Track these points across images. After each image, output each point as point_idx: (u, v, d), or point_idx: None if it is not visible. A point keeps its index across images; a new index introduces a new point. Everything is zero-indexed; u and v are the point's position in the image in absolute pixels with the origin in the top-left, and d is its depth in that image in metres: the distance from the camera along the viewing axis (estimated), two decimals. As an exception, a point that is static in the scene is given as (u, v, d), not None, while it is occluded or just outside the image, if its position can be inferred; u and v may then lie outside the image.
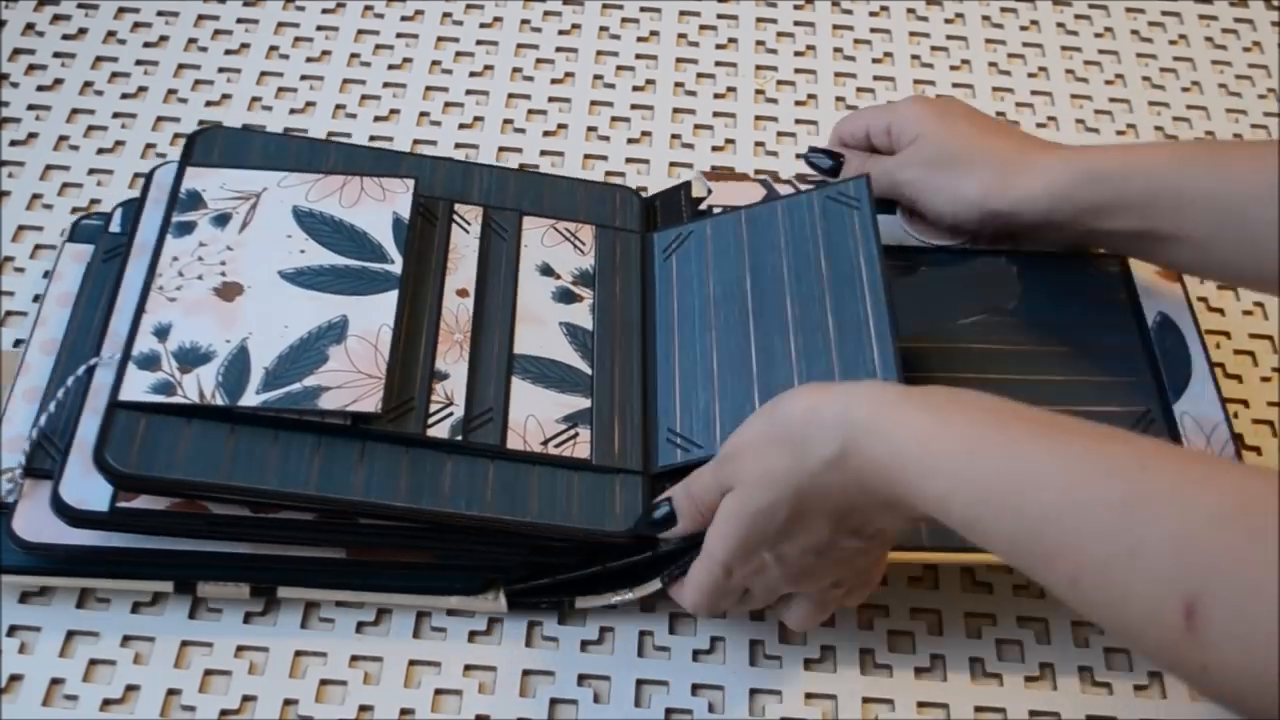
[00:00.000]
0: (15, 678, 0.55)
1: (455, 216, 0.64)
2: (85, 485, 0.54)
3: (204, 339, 0.56)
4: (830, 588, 0.53)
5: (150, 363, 0.55)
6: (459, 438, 0.57)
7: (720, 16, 0.85)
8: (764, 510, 0.49)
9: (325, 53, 0.81)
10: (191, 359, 0.56)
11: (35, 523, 0.55)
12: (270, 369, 0.56)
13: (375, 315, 0.58)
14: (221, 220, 0.61)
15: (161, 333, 0.56)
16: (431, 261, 0.62)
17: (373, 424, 0.55)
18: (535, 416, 0.58)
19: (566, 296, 0.63)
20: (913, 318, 0.59)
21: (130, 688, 0.55)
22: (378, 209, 0.62)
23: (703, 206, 0.67)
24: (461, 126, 0.78)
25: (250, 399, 0.54)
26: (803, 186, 0.67)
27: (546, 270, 0.64)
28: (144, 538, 0.55)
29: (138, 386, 0.55)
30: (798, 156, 0.66)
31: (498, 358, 0.60)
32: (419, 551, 0.57)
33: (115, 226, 0.66)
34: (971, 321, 0.63)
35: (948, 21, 0.87)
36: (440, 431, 0.57)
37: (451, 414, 0.57)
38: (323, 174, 0.63)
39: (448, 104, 0.79)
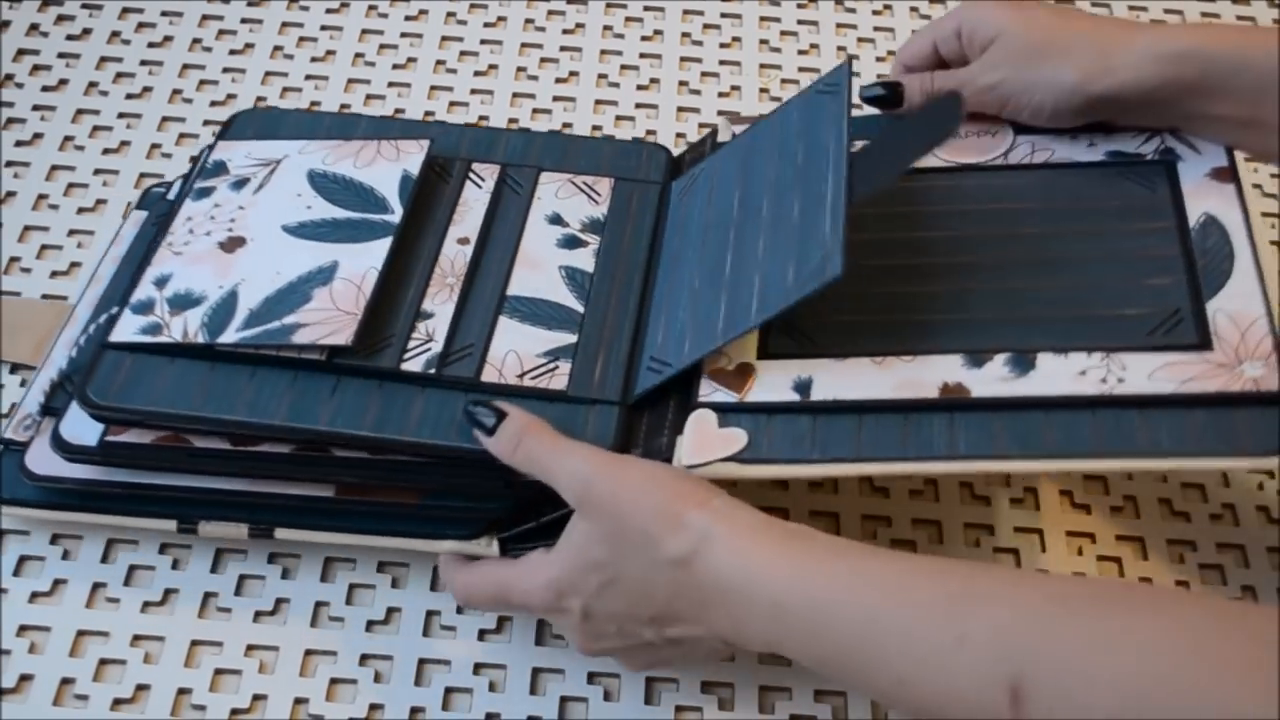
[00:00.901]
0: (26, 677, 0.55)
1: (471, 174, 0.65)
2: (85, 423, 0.55)
3: (198, 286, 0.58)
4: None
5: (145, 308, 0.57)
6: (432, 371, 0.56)
7: (724, 15, 0.85)
8: (599, 564, 0.49)
9: (330, 52, 0.81)
10: (183, 303, 0.57)
11: (44, 458, 0.57)
12: (254, 309, 0.57)
13: (365, 259, 0.59)
14: (239, 184, 0.62)
15: (161, 281, 0.58)
16: (437, 214, 0.62)
17: (345, 357, 0.56)
18: (516, 352, 0.58)
19: (571, 243, 0.63)
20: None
21: (140, 687, 0.56)
22: (389, 167, 0.63)
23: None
24: (467, 125, 0.78)
25: (229, 336, 0.55)
26: None
27: (556, 220, 0.63)
28: (139, 476, 0.56)
29: (128, 328, 0.56)
30: (861, 98, 0.64)
31: (488, 298, 0.59)
32: (405, 491, 0.56)
33: (172, 195, 0.68)
34: (976, 225, 0.59)
35: (951, 19, 0.87)
36: (414, 366, 0.56)
37: (430, 350, 0.57)
38: (344, 140, 0.64)
39: (452, 103, 0.79)
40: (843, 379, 0.54)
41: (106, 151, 0.74)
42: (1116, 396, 0.52)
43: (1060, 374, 0.53)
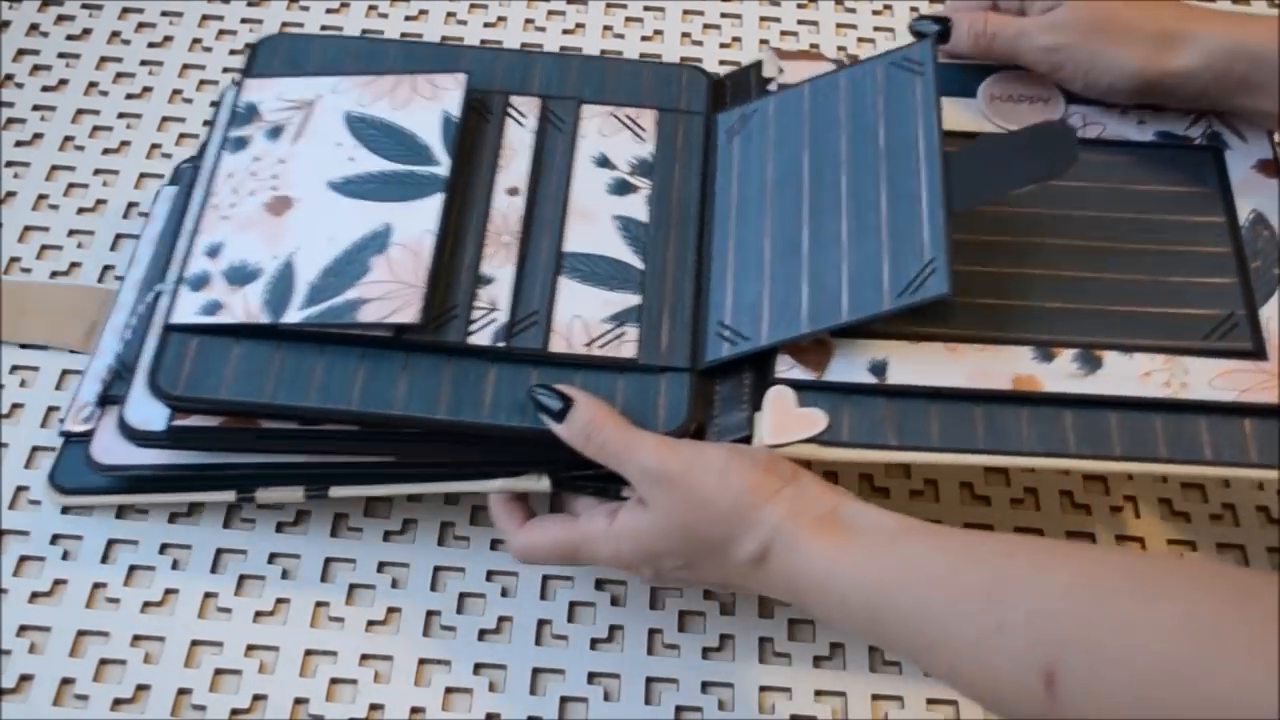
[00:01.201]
0: (26, 677, 0.56)
1: (510, 110, 0.63)
2: (149, 407, 0.55)
3: (252, 256, 0.57)
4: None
5: (202, 283, 0.56)
6: (501, 344, 0.56)
7: (724, 15, 0.85)
8: (672, 552, 0.51)
9: (330, 52, 0.81)
10: (240, 277, 0.56)
11: (110, 447, 0.57)
12: (314, 283, 0.56)
13: (419, 221, 0.57)
14: (275, 133, 0.61)
15: (213, 252, 0.57)
16: (482, 160, 0.61)
17: (414, 335, 0.55)
18: (581, 317, 0.57)
19: (622, 188, 0.62)
20: (965, 191, 0.56)
21: (141, 687, 0.56)
22: (428, 108, 0.61)
23: (771, 87, 0.65)
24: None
25: (292, 315, 0.55)
26: None
27: (603, 162, 0.62)
28: (205, 457, 0.56)
29: (189, 308, 0.56)
30: (910, 29, 0.63)
31: (546, 258, 0.59)
32: (466, 454, 0.57)
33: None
34: (1032, 203, 0.59)
35: (951, 19, 0.87)
36: (482, 339, 0.56)
37: (494, 320, 0.56)
38: (376, 75, 0.63)
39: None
40: (917, 363, 0.55)
41: (106, 151, 0.74)
42: (1180, 401, 0.54)
43: (1126, 374, 0.54)
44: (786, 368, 0.55)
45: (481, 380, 0.55)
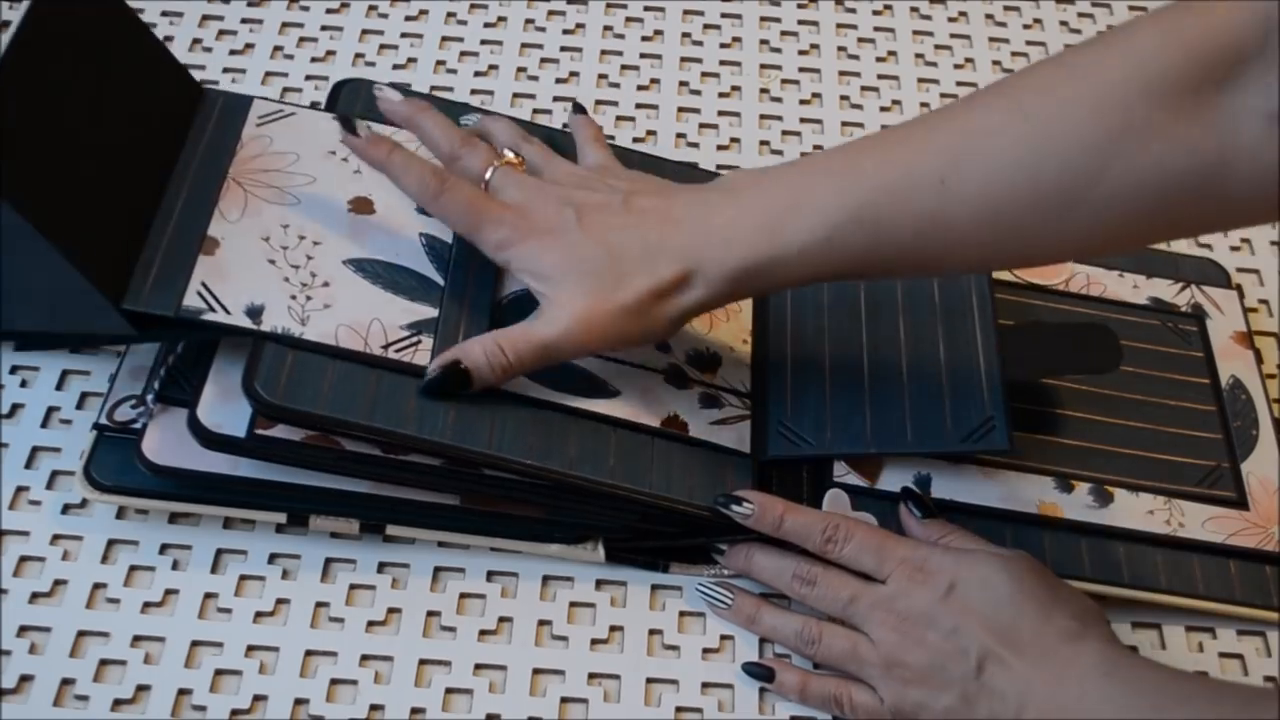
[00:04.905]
0: (26, 678, 0.55)
1: None
2: (222, 411, 0.55)
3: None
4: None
5: None
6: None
7: (724, 15, 0.85)
8: (917, 705, 0.54)
9: (330, 53, 0.81)
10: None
11: (163, 447, 0.57)
12: None
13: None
14: None
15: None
16: None
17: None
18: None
19: None
20: (1017, 363, 0.62)
21: (141, 688, 0.56)
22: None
23: None
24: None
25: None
26: None
27: None
28: (267, 469, 0.56)
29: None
30: None
31: None
32: (530, 506, 0.58)
33: None
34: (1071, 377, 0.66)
35: (951, 20, 0.87)
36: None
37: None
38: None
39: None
40: (957, 481, 0.61)
41: (107, 151, 0.74)
42: (1178, 539, 0.61)
43: (1133, 511, 0.61)
44: (843, 473, 0.60)
45: (565, 435, 0.57)
